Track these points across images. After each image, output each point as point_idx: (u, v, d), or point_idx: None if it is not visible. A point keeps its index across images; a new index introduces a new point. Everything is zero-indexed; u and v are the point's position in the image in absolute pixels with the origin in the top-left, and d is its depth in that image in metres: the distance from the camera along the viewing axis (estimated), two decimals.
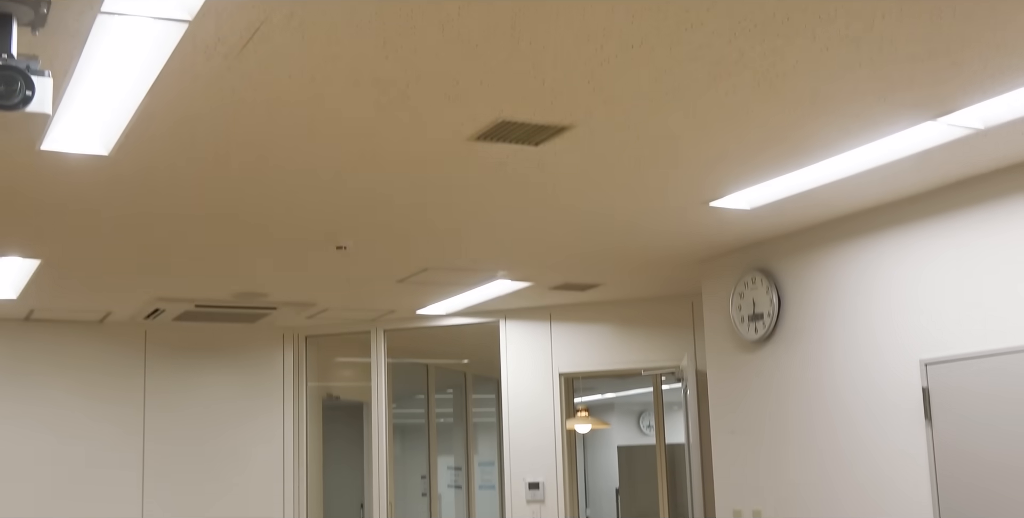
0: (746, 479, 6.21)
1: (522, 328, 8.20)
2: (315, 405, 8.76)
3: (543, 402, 8.13)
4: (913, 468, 5.20)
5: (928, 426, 5.14)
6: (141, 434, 8.00)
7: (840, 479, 5.59)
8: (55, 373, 7.84)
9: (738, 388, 6.33)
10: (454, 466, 11.86)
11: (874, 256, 5.50)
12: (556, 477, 8.01)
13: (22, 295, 6.86)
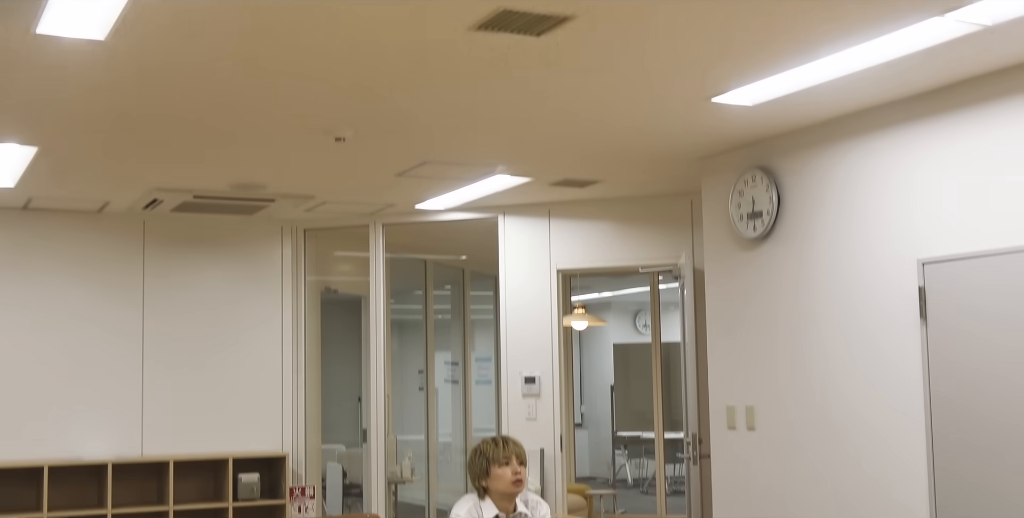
0: (740, 376, 6.28)
1: (521, 224, 8.20)
2: (313, 298, 8.81)
3: (540, 299, 8.17)
4: (906, 367, 5.25)
5: (923, 326, 5.18)
6: (140, 325, 8.06)
7: (834, 377, 5.65)
8: (54, 262, 7.87)
9: (735, 286, 6.35)
10: (451, 361, 11.99)
11: (875, 155, 5.47)
12: (552, 373, 8.10)
13: (20, 183, 6.84)
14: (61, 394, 7.79)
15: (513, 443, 4.81)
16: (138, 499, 7.84)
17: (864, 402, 5.47)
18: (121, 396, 7.96)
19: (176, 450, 7.94)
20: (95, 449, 7.76)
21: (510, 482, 4.69)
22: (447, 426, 11.87)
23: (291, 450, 8.31)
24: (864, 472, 5.45)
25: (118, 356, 7.98)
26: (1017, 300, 4.78)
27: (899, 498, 5.27)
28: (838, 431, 5.60)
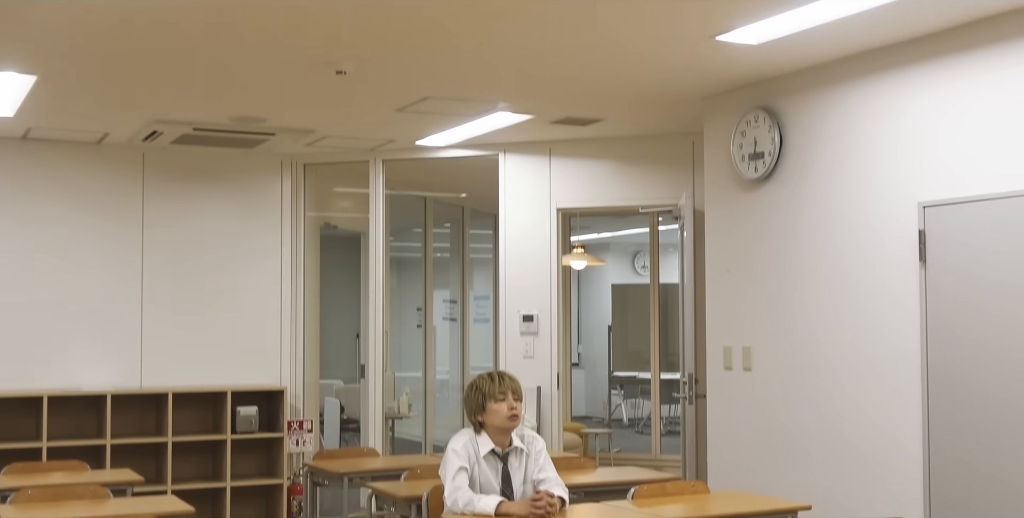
0: (738, 317, 6.29)
1: (521, 162, 8.17)
2: (313, 234, 8.80)
3: (540, 238, 8.17)
4: (904, 310, 5.26)
5: (922, 269, 5.18)
6: (140, 258, 8.06)
7: (831, 319, 5.67)
8: (53, 192, 7.85)
9: (735, 227, 6.35)
10: (449, 299, 12.01)
11: (877, 97, 5.43)
12: (550, 311, 8.11)
13: (19, 113, 6.80)
14: (61, 325, 7.81)
15: (509, 378, 4.84)
16: (137, 430, 7.90)
17: (862, 343, 5.49)
18: (120, 328, 7.98)
19: (175, 382, 7.98)
20: (94, 380, 7.80)
21: (506, 417, 4.72)
22: (445, 364, 11.93)
23: (289, 384, 8.36)
24: (859, 412, 5.49)
25: (117, 288, 7.99)
26: (1016, 244, 4.78)
27: (893, 436, 5.31)
28: (834, 371, 5.63)
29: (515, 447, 4.82)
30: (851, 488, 5.49)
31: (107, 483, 5.24)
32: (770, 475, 5.95)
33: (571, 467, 5.72)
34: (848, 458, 5.53)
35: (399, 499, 5.18)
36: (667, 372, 12.25)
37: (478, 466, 4.72)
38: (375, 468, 6.20)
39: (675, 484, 5.13)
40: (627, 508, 4.68)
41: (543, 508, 4.39)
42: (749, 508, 4.78)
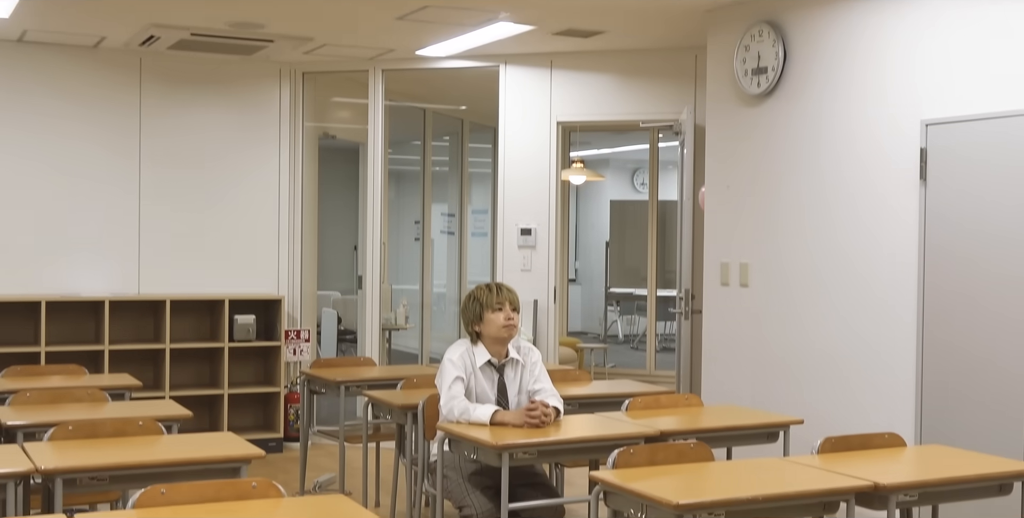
0: (735, 234, 6.29)
1: (522, 75, 8.09)
2: (311, 144, 8.74)
3: (539, 151, 8.12)
4: (903, 229, 5.26)
5: (922, 187, 5.17)
6: (137, 165, 8.02)
7: (829, 236, 5.67)
8: (50, 97, 7.77)
9: (735, 143, 6.31)
10: (447, 213, 12.00)
11: (882, 13, 5.36)
12: (548, 225, 8.10)
13: (14, 14, 6.71)
14: (59, 231, 7.80)
15: (507, 290, 4.85)
16: (134, 337, 7.94)
17: (860, 260, 5.50)
18: (118, 235, 7.98)
19: (172, 290, 8.00)
20: (92, 286, 7.82)
21: (502, 327, 4.75)
22: (442, 277, 11.96)
23: (287, 294, 8.38)
24: (854, 328, 5.52)
25: (115, 194, 7.97)
26: (1017, 164, 4.76)
27: (887, 352, 5.35)
28: (831, 288, 5.65)
29: (511, 358, 4.86)
30: (843, 404, 5.54)
31: (105, 387, 5.28)
32: (763, 390, 6.00)
33: (566, 379, 5.76)
34: (841, 374, 5.57)
35: (395, 407, 5.23)
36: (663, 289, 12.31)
37: (474, 376, 4.76)
38: (372, 377, 6.24)
39: (669, 397, 5.18)
40: (621, 419, 4.72)
41: (538, 418, 4.43)
42: (742, 421, 4.83)
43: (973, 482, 3.74)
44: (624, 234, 15.29)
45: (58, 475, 3.60)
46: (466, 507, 4.54)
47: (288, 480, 6.75)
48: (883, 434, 4.20)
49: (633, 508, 3.46)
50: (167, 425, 4.39)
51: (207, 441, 4.33)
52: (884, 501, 3.55)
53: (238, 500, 3.21)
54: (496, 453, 4.20)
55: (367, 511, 3.09)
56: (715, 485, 3.65)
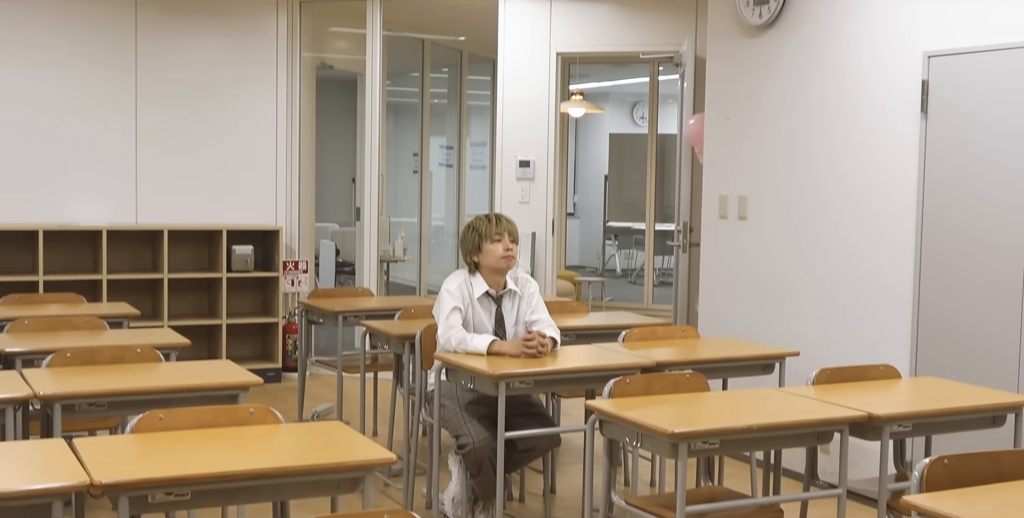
0: (735, 166, 6.27)
1: (521, 5, 7.99)
2: (309, 75, 8.67)
3: (539, 83, 8.06)
4: (903, 161, 5.24)
5: (923, 119, 5.14)
6: (134, 95, 7.95)
7: (829, 169, 5.64)
8: (45, 29, 7.68)
9: (736, 75, 6.26)
10: (446, 145, 11.96)
11: None
12: (547, 157, 8.07)
13: None
14: (56, 160, 7.77)
15: (506, 221, 4.85)
16: (132, 266, 7.95)
17: (858, 193, 5.48)
18: (115, 165, 7.94)
19: (170, 220, 7.99)
20: (90, 215, 7.81)
21: (500, 257, 4.75)
22: (440, 210, 11.95)
23: (285, 225, 8.37)
24: (851, 263, 5.52)
25: (112, 123, 7.92)
26: (1017, 96, 4.73)
27: (884, 287, 5.35)
28: (829, 221, 5.64)
29: (509, 290, 4.86)
30: (839, 336, 5.56)
31: (104, 316, 5.28)
32: (760, 323, 6.02)
33: (563, 311, 5.78)
34: (838, 307, 5.58)
35: (393, 337, 5.25)
36: (662, 223, 12.31)
37: (472, 307, 4.77)
38: (370, 307, 6.26)
39: (665, 328, 5.19)
40: (617, 350, 4.74)
41: (535, 348, 4.45)
42: (738, 353, 4.85)
43: (966, 414, 3.77)
44: (623, 168, 15.24)
45: (57, 401, 3.62)
46: (463, 436, 4.58)
47: (286, 410, 6.79)
48: (878, 366, 4.23)
49: (628, 437, 3.49)
50: (165, 353, 4.41)
51: (205, 369, 4.35)
52: (878, 431, 3.57)
53: (236, 426, 3.23)
54: (493, 382, 4.22)
55: (364, 437, 3.11)
56: (710, 415, 3.68)
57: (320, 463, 2.85)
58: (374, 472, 2.96)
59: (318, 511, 2.98)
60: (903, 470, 4.12)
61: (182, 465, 2.79)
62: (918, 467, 2.80)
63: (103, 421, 4.69)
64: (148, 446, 3.01)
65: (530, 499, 5.43)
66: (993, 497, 2.67)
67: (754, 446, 4.10)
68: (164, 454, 2.94)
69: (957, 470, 2.83)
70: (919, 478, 2.78)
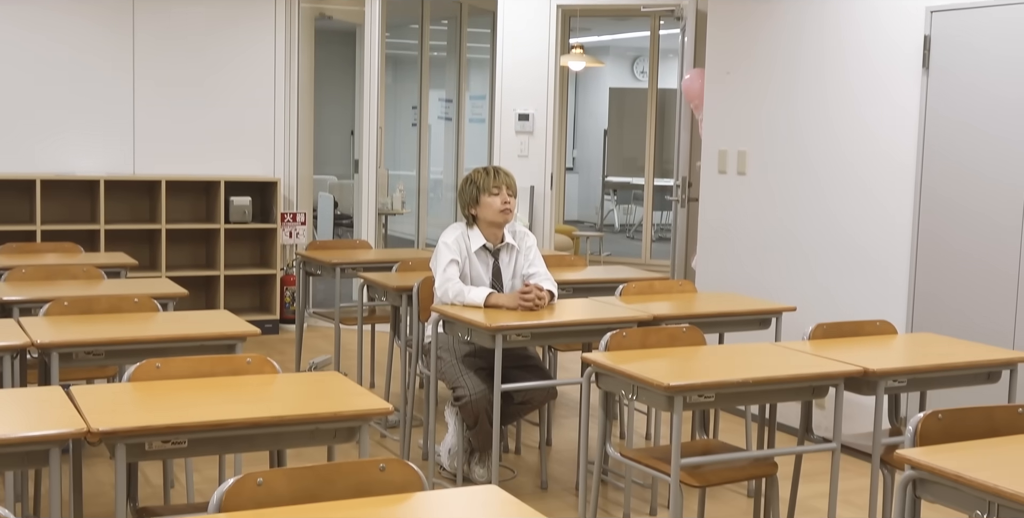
0: (735, 121, 6.24)
1: None
2: (308, 26, 8.60)
3: (539, 36, 8.01)
4: (903, 116, 5.22)
5: (924, 75, 5.11)
6: (131, 44, 7.89)
7: (830, 123, 5.62)
8: None
9: (737, 29, 6.21)
10: (445, 98, 11.89)
11: None
12: (546, 111, 8.04)
13: None
14: (54, 111, 7.73)
15: (504, 173, 4.83)
16: (130, 217, 7.94)
17: (858, 148, 5.46)
18: (113, 115, 7.90)
19: (168, 171, 7.97)
20: (87, 165, 7.79)
21: (498, 210, 4.73)
22: (439, 163, 11.91)
23: (283, 177, 8.34)
24: (850, 217, 5.51)
25: (109, 73, 7.87)
26: (1021, 52, 4.70)
27: (882, 242, 5.35)
28: (828, 175, 5.62)
29: (506, 243, 4.86)
30: (836, 292, 5.57)
31: (101, 265, 5.28)
32: (757, 278, 6.03)
33: (561, 265, 5.78)
34: (835, 262, 5.59)
35: (390, 289, 5.26)
36: (661, 178, 12.28)
37: (469, 260, 4.77)
38: (367, 259, 6.26)
39: (663, 283, 5.20)
40: (615, 304, 4.75)
41: (532, 301, 4.45)
42: (735, 307, 4.86)
43: (961, 369, 3.78)
44: (623, 122, 15.18)
45: (54, 349, 3.62)
46: (459, 388, 4.59)
47: (283, 361, 6.81)
48: (874, 321, 4.23)
49: (624, 389, 3.50)
50: (163, 303, 4.41)
51: (202, 318, 4.35)
52: (873, 386, 3.59)
53: (233, 375, 3.23)
54: (490, 335, 4.23)
55: (361, 387, 3.12)
56: (706, 368, 3.69)
57: (317, 412, 2.86)
58: (371, 423, 2.98)
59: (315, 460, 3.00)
60: (897, 425, 4.14)
61: (179, 413, 2.81)
62: (912, 421, 2.81)
63: (100, 370, 4.71)
64: (145, 394, 3.02)
65: (526, 451, 5.46)
66: (986, 451, 2.68)
67: (749, 400, 4.11)
68: (161, 402, 2.95)
69: (951, 425, 2.84)
70: (913, 432, 2.79)
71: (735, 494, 4.82)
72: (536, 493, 4.81)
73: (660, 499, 4.63)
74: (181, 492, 4.55)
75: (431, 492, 2.28)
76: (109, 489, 4.49)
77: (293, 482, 2.25)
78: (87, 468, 4.68)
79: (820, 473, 4.23)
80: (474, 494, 2.39)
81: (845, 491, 4.37)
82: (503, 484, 4.51)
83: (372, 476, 2.30)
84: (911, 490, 2.62)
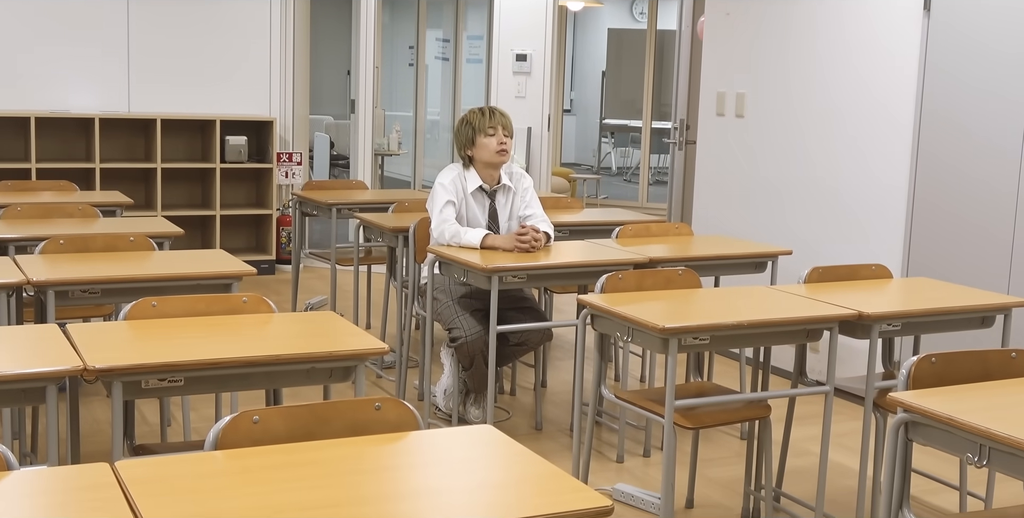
0: (734, 63, 6.19)
1: None
2: None
3: None
4: (904, 59, 5.18)
5: (925, 17, 5.07)
6: None
7: (829, 66, 5.58)
8: None
9: None
10: (442, 38, 11.79)
11: None
12: (544, 51, 7.98)
13: None
14: (48, 48, 7.66)
15: (500, 114, 4.80)
16: (125, 155, 7.90)
17: (857, 91, 5.43)
18: (107, 52, 7.84)
19: (163, 109, 7.92)
20: (82, 103, 7.74)
21: (494, 152, 4.71)
22: (436, 104, 11.84)
23: (279, 116, 8.30)
24: (848, 162, 5.50)
25: (104, 11, 7.79)
26: None
27: (880, 187, 5.34)
28: (826, 119, 5.60)
29: (503, 184, 4.84)
30: (833, 236, 5.57)
31: (97, 204, 5.27)
32: (754, 222, 6.02)
33: (558, 207, 5.77)
34: (832, 207, 5.58)
35: (386, 230, 5.25)
36: (659, 121, 12.23)
37: (465, 202, 4.75)
38: (364, 200, 6.24)
39: (659, 225, 5.19)
40: (611, 246, 4.74)
41: (528, 242, 4.44)
42: (731, 251, 4.85)
43: (955, 314, 3.79)
44: (621, 64, 15.08)
45: (50, 287, 3.62)
46: (455, 329, 4.60)
47: (280, 301, 6.83)
48: (870, 265, 4.23)
49: (619, 332, 3.51)
50: (158, 242, 4.40)
51: (198, 258, 4.34)
52: (867, 330, 3.59)
53: (229, 314, 3.24)
54: (486, 276, 4.23)
55: (357, 327, 3.12)
56: (701, 311, 3.69)
57: (313, 351, 2.87)
58: (366, 362, 2.98)
59: (311, 399, 3.01)
60: (891, 369, 4.15)
61: (175, 352, 2.81)
62: (905, 365, 2.82)
63: (96, 309, 4.71)
64: (141, 333, 3.02)
65: (521, 393, 5.49)
66: (978, 395, 2.70)
67: (744, 343, 4.13)
68: (157, 341, 2.96)
69: (944, 369, 2.85)
70: (906, 376, 2.80)
71: (728, 436, 4.85)
72: (531, 434, 4.84)
73: (654, 441, 4.67)
74: (178, 430, 4.58)
75: (426, 431, 2.29)
76: (106, 427, 4.52)
77: (289, 420, 2.26)
78: (84, 406, 4.70)
79: (813, 416, 4.26)
80: (469, 434, 2.40)
81: (838, 434, 4.40)
82: (498, 425, 4.53)
83: (368, 415, 2.31)
84: (903, 433, 2.64)
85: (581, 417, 4.14)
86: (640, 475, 4.42)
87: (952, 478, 4.11)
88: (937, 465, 4.18)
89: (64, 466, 2.32)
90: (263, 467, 2.06)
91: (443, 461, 2.15)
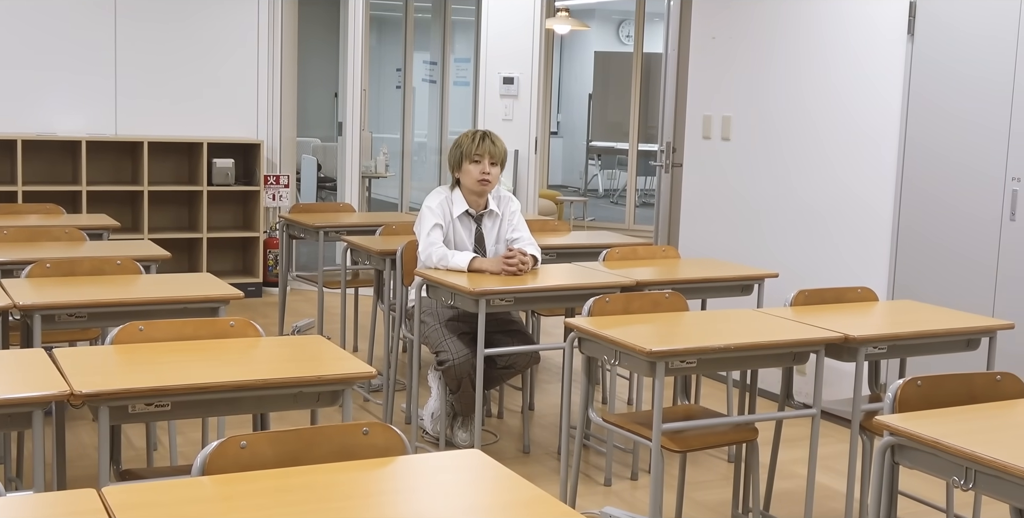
0: (720, 86, 6.23)
1: None
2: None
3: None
4: (888, 83, 5.21)
5: (909, 42, 5.10)
6: (113, 5, 7.82)
7: (813, 90, 5.61)
8: None
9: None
10: (429, 61, 11.83)
11: None
12: (531, 74, 8.01)
13: None
14: (35, 70, 7.66)
15: (491, 141, 4.78)
16: (112, 178, 7.89)
17: (841, 115, 5.46)
18: (94, 75, 7.84)
19: (150, 132, 7.92)
20: (68, 125, 7.73)
21: (476, 180, 4.71)
22: (423, 126, 11.87)
23: (266, 139, 8.30)
24: (834, 185, 5.52)
25: (91, 32, 7.79)
26: (1005, 19, 4.69)
27: (865, 209, 5.37)
28: (812, 142, 5.63)
29: (489, 210, 4.84)
30: (819, 259, 5.59)
31: (83, 227, 5.26)
32: (740, 244, 6.04)
33: (545, 229, 5.78)
34: (818, 230, 5.60)
35: (374, 253, 5.25)
36: (645, 143, 12.27)
37: (452, 225, 4.76)
38: (351, 223, 6.25)
39: (646, 248, 5.20)
40: (598, 269, 4.75)
41: (515, 265, 4.45)
42: (717, 273, 4.87)
43: (941, 337, 3.80)
44: (608, 87, 15.13)
45: (36, 311, 3.61)
46: (442, 352, 4.60)
47: (267, 324, 6.82)
48: (856, 288, 4.25)
49: (607, 355, 3.51)
50: (145, 265, 4.39)
51: (185, 281, 4.34)
52: (853, 353, 3.61)
53: (216, 338, 3.23)
54: (473, 299, 4.23)
55: (344, 351, 3.12)
56: (688, 334, 3.70)
57: (300, 376, 2.86)
58: (354, 386, 2.98)
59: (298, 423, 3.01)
60: (877, 392, 4.17)
61: (162, 376, 2.80)
62: (891, 388, 2.83)
63: (83, 332, 4.70)
64: (128, 357, 3.01)
65: (509, 416, 5.49)
66: (964, 418, 2.71)
67: (731, 366, 4.13)
68: (144, 365, 2.95)
69: (930, 391, 2.86)
70: (892, 399, 2.81)
71: (716, 459, 4.85)
72: (518, 457, 4.84)
73: (641, 464, 4.66)
74: (164, 455, 4.56)
75: (414, 456, 2.29)
76: (92, 452, 4.50)
77: (276, 445, 2.26)
78: (70, 431, 4.68)
79: (800, 439, 4.27)
80: (457, 458, 2.40)
81: (824, 456, 4.41)
82: (486, 448, 4.53)
83: (355, 440, 2.30)
84: (889, 456, 2.65)
85: (569, 440, 4.14)
86: (628, 498, 4.42)
87: (939, 500, 4.12)
88: (924, 487, 4.18)
89: (50, 492, 2.31)
90: (251, 492, 2.05)
91: (431, 486, 2.15)
